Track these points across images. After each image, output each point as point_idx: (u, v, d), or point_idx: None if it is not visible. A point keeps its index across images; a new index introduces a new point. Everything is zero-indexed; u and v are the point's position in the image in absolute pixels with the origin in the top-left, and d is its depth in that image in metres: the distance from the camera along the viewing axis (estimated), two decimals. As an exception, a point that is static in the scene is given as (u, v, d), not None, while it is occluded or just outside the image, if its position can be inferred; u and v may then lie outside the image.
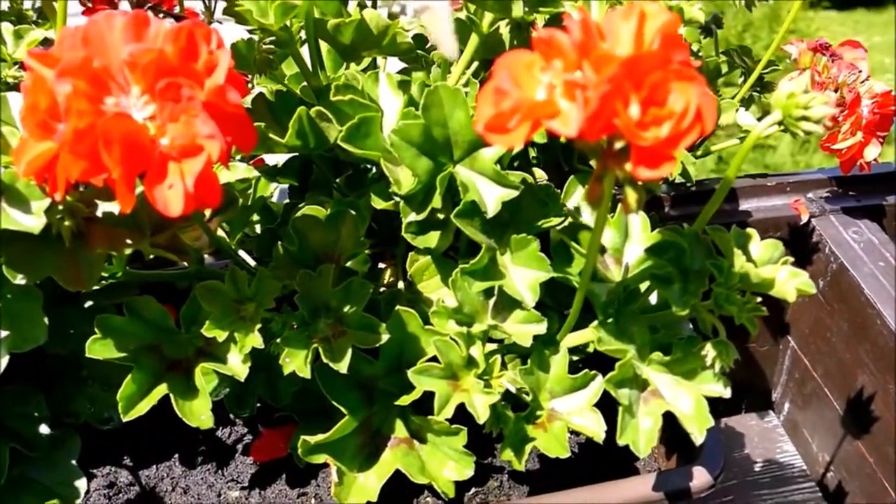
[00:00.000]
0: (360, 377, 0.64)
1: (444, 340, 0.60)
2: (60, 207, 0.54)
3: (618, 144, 0.41)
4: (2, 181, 0.52)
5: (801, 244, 0.84)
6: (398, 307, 0.63)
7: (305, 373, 0.58)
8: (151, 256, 0.71)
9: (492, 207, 0.59)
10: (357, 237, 0.63)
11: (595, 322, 0.61)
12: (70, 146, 0.45)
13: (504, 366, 0.63)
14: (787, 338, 0.90)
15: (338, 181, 0.75)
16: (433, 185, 0.60)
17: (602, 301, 0.61)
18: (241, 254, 0.72)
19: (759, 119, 0.88)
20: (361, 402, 0.63)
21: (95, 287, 0.65)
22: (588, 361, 0.68)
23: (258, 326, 0.58)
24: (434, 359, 0.62)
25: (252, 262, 0.71)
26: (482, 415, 0.59)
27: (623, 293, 0.61)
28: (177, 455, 0.71)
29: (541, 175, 0.73)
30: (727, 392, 0.57)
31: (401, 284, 0.71)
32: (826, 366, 0.86)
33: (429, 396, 0.60)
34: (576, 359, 0.66)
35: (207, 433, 0.73)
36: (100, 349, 0.59)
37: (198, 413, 0.59)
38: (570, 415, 0.63)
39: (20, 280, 0.54)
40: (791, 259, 0.54)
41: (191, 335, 0.62)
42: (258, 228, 0.77)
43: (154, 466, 0.71)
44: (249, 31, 0.68)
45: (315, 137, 0.64)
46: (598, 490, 0.63)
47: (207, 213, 0.63)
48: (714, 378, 0.58)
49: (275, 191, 0.75)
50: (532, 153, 0.77)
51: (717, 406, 0.58)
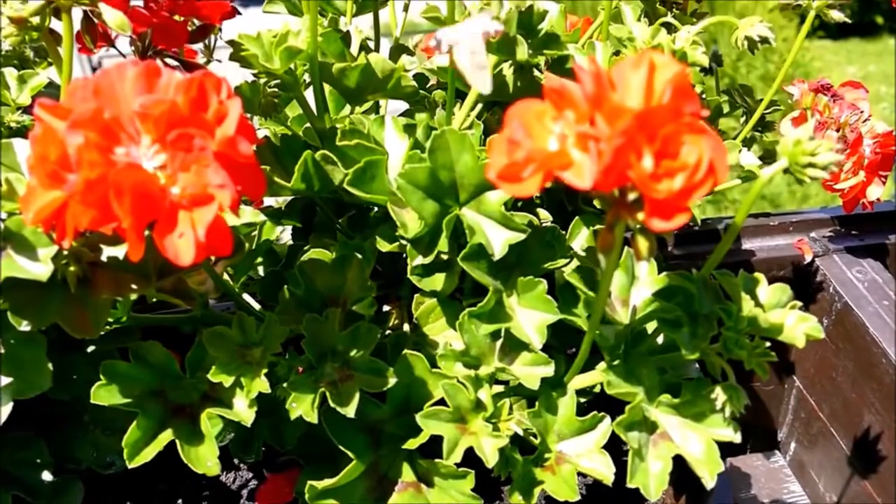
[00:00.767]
0: (367, 421, 0.64)
1: (453, 384, 0.60)
2: (66, 253, 0.55)
3: (631, 196, 0.41)
4: (8, 228, 0.53)
5: (806, 284, 0.85)
6: (405, 351, 0.63)
7: (313, 417, 0.58)
8: (154, 299, 0.71)
9: (498, 250, 0.59)
10: (363, 281, 0.64)
11: (602, 364, 0.62)
12: (81, 196, 0.46)
13: (511, 408, 0.63)
14: (793, 377, 0.90)
15: (340, 221, 0.76)
16: (439, 228, 0.60)
17: (610, 343, 0.61)
18: (245, 296, 0.72)
19: (761, 158, 0.90)
20: (368, 446, 0.63)
21: (99, 332, 0.65)
22: (595, 401, 0.68)
23: (265, 371, 0.59)
24: (441, 402, 0.62)
25: (256, 305, 0.71)
26: (491, 459, 0.59)
27: (630, 335, 0.61)
28: (180, 501, 0.71)
29: (545, 215, 0.73)
30: (737, 437, 0.57)
31: (406, 326, 0.71)
32: (832, 405, 0.86)
33: (436, 439, 0.61)
34: (583, 400, 0.66)
35: (212, 478, 0.72)
36: (105, 395, 0.59)
37: (204, 459, 0.59)
38: (579, 457, 0.63)
39: (25, 326, 0.54)
40: (799, 304, 0.54)
41: (196, 380, 0.62)
42: (261, 270, 0.78)
43: (156, 512, 0.71)
44: (254, 75, 0.69)
45: (320, 181, 0.65)
46: (608, 534, 0.63)
47: (213, 258, 0.64)
48: (724, 422, 0.58)
49: (280, 233, 0.76)
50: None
51: (723, 446, 0.59)
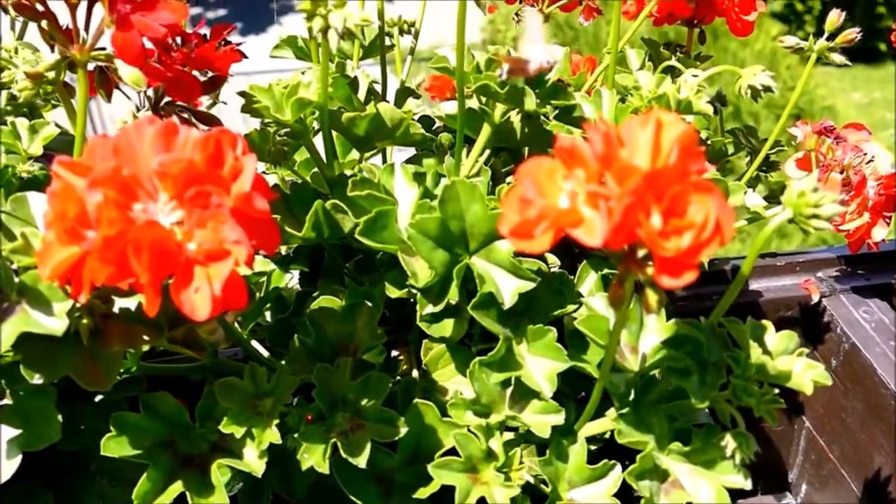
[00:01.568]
0: (378, 470, 0.65)
1: (464, 434, 0.61)
2: (79, 306, 0.56)
3: (640, 252, 0.43)
4: (24, 283, 0.54)
5: (813, 324, 0.86)
6: (416, 400, 0.64)
7: (324, 468, 0.59)
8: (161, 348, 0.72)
9: (509, 299, 0.61)
10: (373, 329, 0.65)
11: (612, 411, 0.63)
12: (99, 253, 0.47)
13: (522, 456, 0.64)
14: (802, 418, 0.91)
15: (348, 266, 0.77)
16: (450, 277, 0.62)
17: (620, 391, 0.62)
18: (254, 343, 0.73)
19: (766, 198, 0.92)
20: (379, 496, 0.64)
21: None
22: (606, 446, 0.69)
23: (276, 422, 0.60)
24: (452, 450, 0.63)
25: (265, 353, 0.73)
26: (502, 509, 0.60)
27: (640, 382, 0.63)
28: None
29: (553, 260, 0.75)
30: (748, 484, 0.59)
31: (415, 372, 0.72)
32: (842, 446, 0.87)
33: (447, 488, 0.62)
34: (594, 448, 0.67)
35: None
36: (115, 447, 0.60)
37: (214, 511, 0.60)
38: (590, 505, 0.64)
39: (37, 380, 0.56)
40: (806, 350, 0.56)
41: (206, 430, 0.63)
42: (269, 315, 0.79)
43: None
44: (264, 124, 0.71)
45: (330, 229, 0.67)
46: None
47: (225, 309, 0.65)
48: (734, 469, 0.59)
49: (289, 281, 0.77)
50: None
51: (734, 489, 0.60)
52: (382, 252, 0.74)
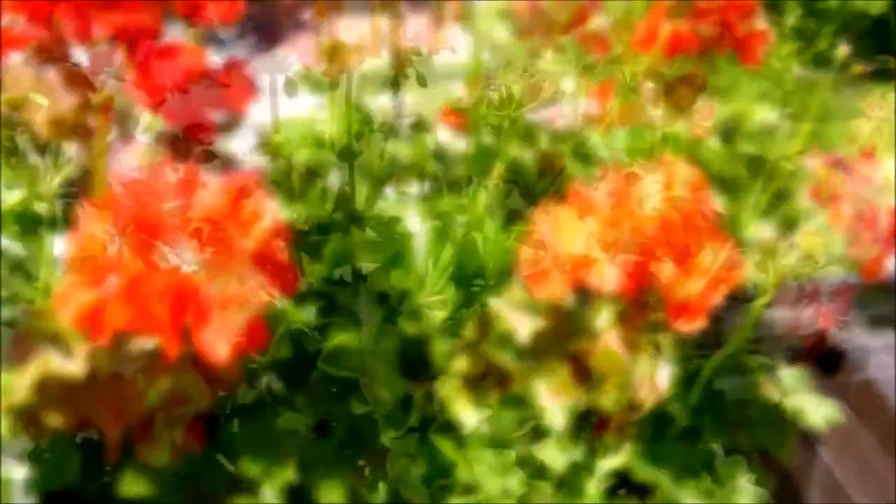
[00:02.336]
0: (396, 505, 0.66)
1: (482, 471, 0.62)
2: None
3: (652, 297, 0.44)
4: (45, 325, 0.56)
5: (828, 354, 0.87)
6: (433, 434, 0.65)
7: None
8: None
9: (525, 337, 0.62)
10: (390, 367, 0.66)
11: (628, 447, 0.64)
12: (121, 298, 0.49)
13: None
14: (818, 449, 0.92)
15: (364, 298, 0.79)
16: (465, 316, 0.63)
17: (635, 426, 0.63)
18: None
19: (778, 228, 0.93)
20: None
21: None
22: (623, 481, 0.70)
23: (294, 459, 0.61)
24: (469, 486, 0.64)
25: (281, 387, 0.74)
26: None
27: (655, 418, 0.64)
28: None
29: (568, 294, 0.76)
30: (765, 520, 0.59)
31: (432, 406, 0.73)
32: (859, 477, 0.87)
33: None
34: (609, 483, 0.68)
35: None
36: (132, 486, 0.61)
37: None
38: (607, 543, 0.65)
39: (56, 421, 0.57)
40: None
41: (224, 468, 0.64)
42: (284, 349, 0.81)
43: None
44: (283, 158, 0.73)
45: (348, 265, 0.68)
46: None
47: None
48: (751, 504, 0.60)
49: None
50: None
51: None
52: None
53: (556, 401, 0.64)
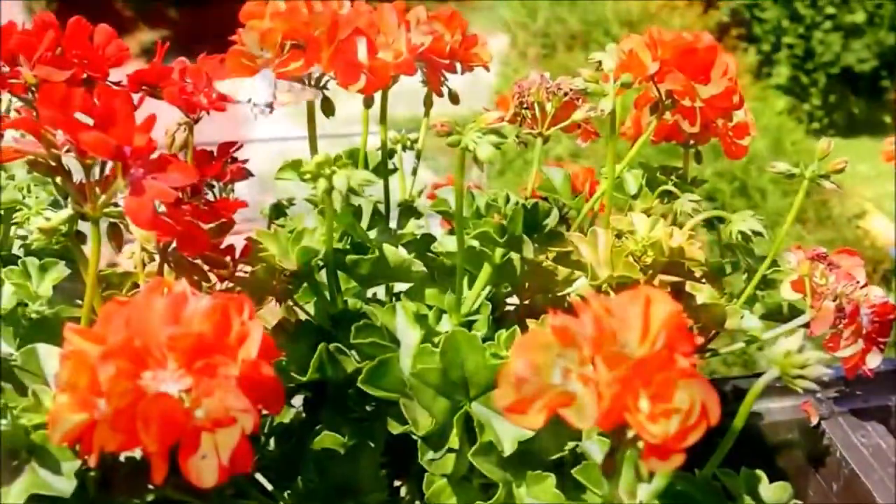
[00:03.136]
0: None
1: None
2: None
3: (629, 433, 0.45)
4: (34, 442, 0.57)
5: (813, 447, 0.87)
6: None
7: None
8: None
9: (509, 447, 0.63)
10: (376, 471, 0.67)
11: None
12: (110, 423, 0.50)
13: None
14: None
15: (350, 392, 0.80)
16: (450, 424, 0.64)
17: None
18: (258, 476, 0.75)
19: (763, 317, 0.94)
20: None
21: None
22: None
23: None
24: None
25: (268, 486, 0.75)
26: None
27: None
28: None
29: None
30: None
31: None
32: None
33: None
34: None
35: None
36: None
37: None
38: None
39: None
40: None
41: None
42: (272, 442, 0.81)
43: None
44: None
45: (333, 369, 0.70)
46: None
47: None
48: None
49: (291, 413, 0.79)
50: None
51: None
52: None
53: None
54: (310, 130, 0.76)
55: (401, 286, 0.83)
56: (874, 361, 0.83)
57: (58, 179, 0.62)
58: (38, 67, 0.75)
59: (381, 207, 0.93)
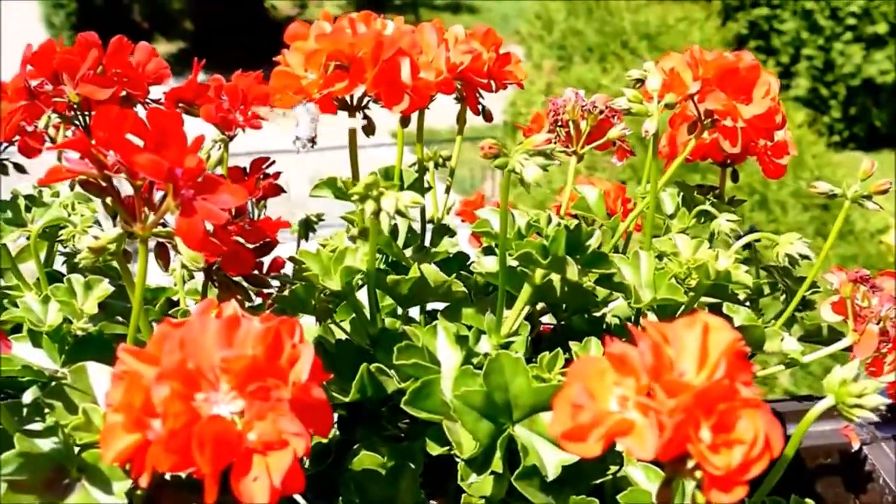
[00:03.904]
0: None
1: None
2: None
3: (689, 463, 0.45)
4: (85, 461, 0.57)
5: (854, 473, 0.87)
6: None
7: None
8: None
9: (552, 472, 0.63)
10: (416, 492, 0.67)
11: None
12: (164, 444, 0.50)
13: None
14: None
15: (385, 410, 0.80)
16: (493, 447, 0.65)
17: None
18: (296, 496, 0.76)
19: (802, 339, 0.94)
20: None
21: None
22: None
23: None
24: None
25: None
26: None
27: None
28: None
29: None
30: None
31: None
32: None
33: None
34: None
35: None
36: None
37: None
38: None
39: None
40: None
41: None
42: (307, 462, 0.82)
43: None
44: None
45: (374, 389, 0.70)
46: None
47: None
48: None
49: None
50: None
51: None
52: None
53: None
54: (351, 152, 0.76)
55: (434, 304, 0.83)
56: (921, 384, 0.82)
57: (108, 199, 0.63)
58: (82, 86, 0.76)
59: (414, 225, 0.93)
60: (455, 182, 1.00)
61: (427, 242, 0.94)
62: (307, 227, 1.12)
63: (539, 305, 0.86)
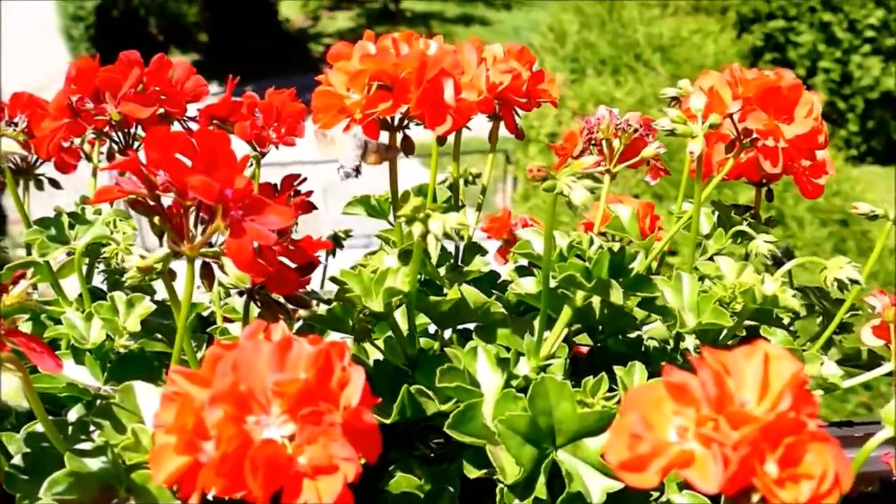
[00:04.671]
0: None
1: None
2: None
3: (754, 497, 0.45)
4: (134, 481, 0.57)
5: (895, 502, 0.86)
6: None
7: None
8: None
9: (597, 498, 0.63)
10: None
11: None
12: (216, 467, 0.50)
13: None
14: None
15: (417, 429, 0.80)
16: (537, 473, 0.64)
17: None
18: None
19: (839, 362, 0.93)
20: None
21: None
22: None
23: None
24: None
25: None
26: None
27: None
28: None
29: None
30: None
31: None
32: None
33: None
34: None
35: None
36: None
37: None
38: None
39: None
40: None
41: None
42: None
43: None
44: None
45: (413, 410, 0.70)
46: None
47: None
48: None
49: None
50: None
51: None
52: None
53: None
54: (391, 173, 0.77)
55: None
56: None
57: (155, 218, 0.63)
58: (124, 104, 0.76)
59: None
60: (466, 194, 1.01)
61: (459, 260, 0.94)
62: (336, 243, 1.13)
63: (573, 326, 0.85)
